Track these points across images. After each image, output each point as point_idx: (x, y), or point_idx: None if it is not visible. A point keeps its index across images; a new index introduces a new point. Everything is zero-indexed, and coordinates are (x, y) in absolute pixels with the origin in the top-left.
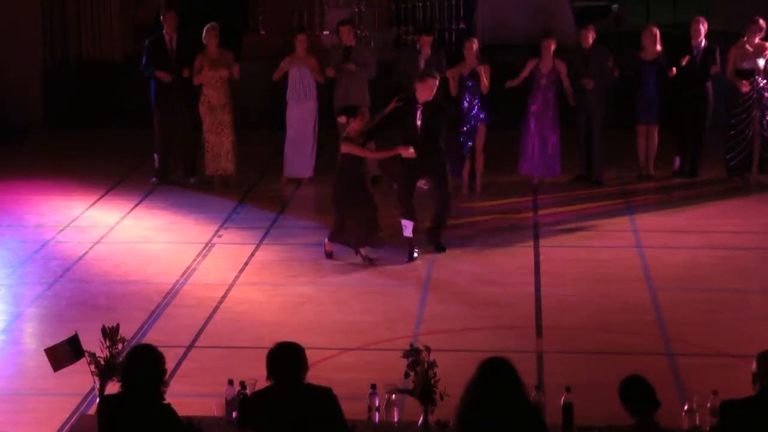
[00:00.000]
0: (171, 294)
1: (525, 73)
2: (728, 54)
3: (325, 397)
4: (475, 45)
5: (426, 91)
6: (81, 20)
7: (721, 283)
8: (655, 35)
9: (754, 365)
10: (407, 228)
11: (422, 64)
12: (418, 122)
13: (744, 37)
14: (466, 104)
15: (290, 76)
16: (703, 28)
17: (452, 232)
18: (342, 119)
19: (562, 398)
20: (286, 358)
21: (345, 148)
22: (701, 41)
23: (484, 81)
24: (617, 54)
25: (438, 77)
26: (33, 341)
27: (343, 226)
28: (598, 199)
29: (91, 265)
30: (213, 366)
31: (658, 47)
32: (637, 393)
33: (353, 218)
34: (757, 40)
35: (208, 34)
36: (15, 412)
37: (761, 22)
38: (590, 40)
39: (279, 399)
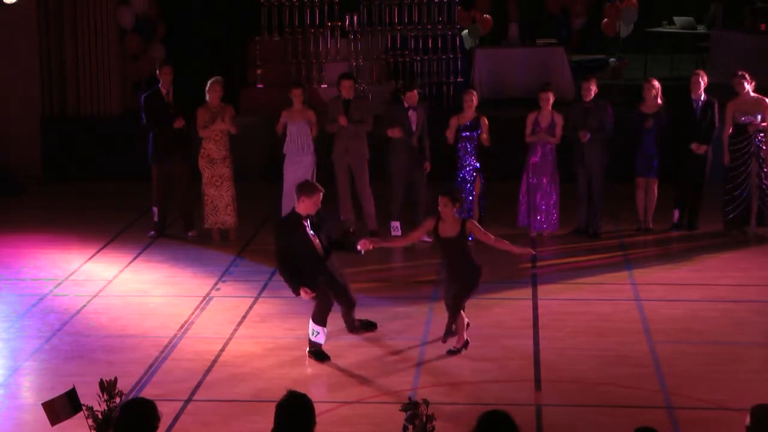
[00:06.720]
0: (169, 347)
1: (529, 129)
2: (726, 107)
3: None
4: (475, 96)
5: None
6: (79, 74)
7: (720, 336)
8: (656, 89)
9: (748, 419)
10: (320, 335)
11: (414, 120)
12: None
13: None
14: (461, 153)
15: (288, 131)
16: (703, 81)
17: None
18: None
19: None
20: (297, 414)
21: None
22: (701, 95)
23: (486, 134)
24: (620, 106)
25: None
26: (31, 395)
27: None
28: (596, 251)
29: (89, 319)
30: (211, 420)
31: (659, 101)
32: None
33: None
34: (751, 93)
35: (212, 87)
36: None
37: (740, 72)
38: (591, 94)
39: None
